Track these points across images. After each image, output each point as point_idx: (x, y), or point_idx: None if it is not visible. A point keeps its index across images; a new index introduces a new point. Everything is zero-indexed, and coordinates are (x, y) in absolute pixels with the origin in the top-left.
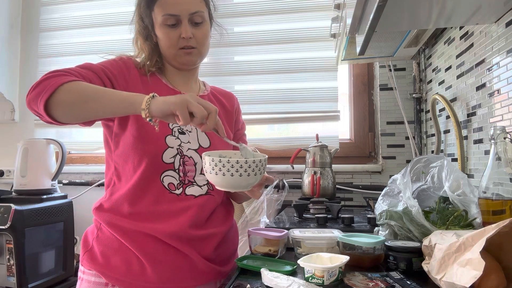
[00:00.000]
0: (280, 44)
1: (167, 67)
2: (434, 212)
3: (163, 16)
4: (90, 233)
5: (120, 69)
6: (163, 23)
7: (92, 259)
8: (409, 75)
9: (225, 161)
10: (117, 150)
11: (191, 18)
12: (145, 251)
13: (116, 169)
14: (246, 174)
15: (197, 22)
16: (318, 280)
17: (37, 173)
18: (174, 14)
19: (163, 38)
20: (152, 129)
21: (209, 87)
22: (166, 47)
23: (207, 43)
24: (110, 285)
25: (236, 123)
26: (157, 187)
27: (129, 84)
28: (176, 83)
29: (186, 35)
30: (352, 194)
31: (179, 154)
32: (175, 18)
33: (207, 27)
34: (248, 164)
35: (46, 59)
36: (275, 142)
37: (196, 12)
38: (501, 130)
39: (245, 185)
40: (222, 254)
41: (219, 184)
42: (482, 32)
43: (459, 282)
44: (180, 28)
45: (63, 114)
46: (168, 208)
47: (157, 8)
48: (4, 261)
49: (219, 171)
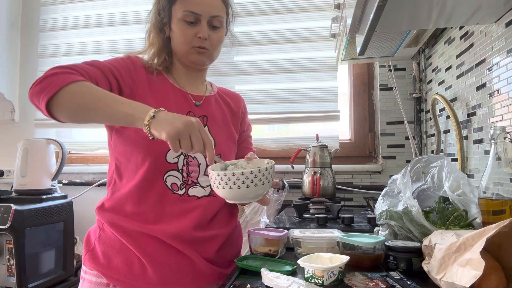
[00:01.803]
0: (280, 44)
1: (175, 65)
2: (434, 212)
3: (184, 12)
4: (93, 233)
5: (127, 68)
6: (182, 18)
7: (94, 259)
8: (409, 75)
9: (229, 174)
10: (118, 148)
11: (210, 20)
12: (146, 252)
13: (117, 167)
14: (253, 184)
15: (215, 26)
16: (318, 280)
17: (37, 173)
18: (196, 13)
19: (179, 33)
20: None
21: (216, 88)
22: (180, 43)
23: (219, 48)
24: (111, 286)
25: (242, 124)
26: (160, 187)
27: (135, 83)
28: (183, 82)
29: (202, 35)
30: (352, 194)
31: (183, 154)
32: (195, 16)
33: (222, 32)
34: (253, 174)
35: (46, 59)
36: (275, 142)
37: (217, 16)
38: (501, 130)
39: (254, 196)
40: (224, 256)
41: (228, 197)
42: (482, 32)
43: (459, 282)
44: (198, 27)
45: (63, 115)
46: (171, 209)
47: (180, 3)
48: (4, 261)
49: (226, 184)
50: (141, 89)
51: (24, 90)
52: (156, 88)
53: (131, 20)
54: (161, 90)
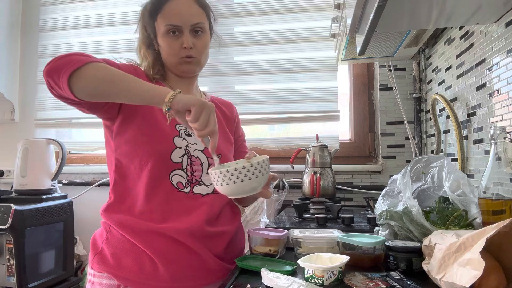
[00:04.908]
0: (280, 44)
1: (169, 75)
2: (434, 212)
3: (166, 26)
4: (99, 236)
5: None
6: (165, 32)
7: (102, 261)
8: (409, 75)
9: (224, 171)
10: (120, 149)
11: (192, 29)
12: (157, 250)
13: (117, 168)
14: (247, 178)
15: (198, 32)
16: (318, 280)
17: (37, 173)
18: (176, 25)
19: (165, 47)
20: (161, 130)
21: (210, 96)
22: (168, 56)
23: (206, 52)
24: (123, 287)
25: (237, 130)
26: (166, 186)
27: None
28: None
29: (187, 45)
30: (352, 194)
31: (187, 154)
32: (177, 28)
33: (207, 37)
34: (246, 169)
35: (46, 59)
36: (275, 142)
37: (197, 23)
38: (501, 130)
39: (250, 189)
40: (231, 253)
41: (228, 193)
42: (482, 32)
43: (459, 282)
44: (182, 37)
45: (85, 88)
46: (178, 206)
47: (160, 18)
48: (4, 261)
49: (223, 181)
50: None
51: (24, 90)
52: None
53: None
54: None
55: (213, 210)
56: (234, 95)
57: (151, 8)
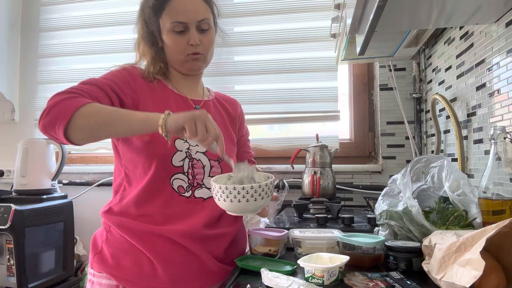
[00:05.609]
0: (280, 44)
1: (172, 72)
2: (434, 212)
3: (172, 23)
4: (99, 236)
5: (125, 80)
6: (171, 29)
7: (102, 261)
8: (409, 75)
9: (231, 188)
10: (126, 156)
11: (198, 25)
12: (156, 251)
13: (126, 175)
14: (253, 199)
15: (203, 29)
16: (318, 280)
17: (37, 173)
18: (183, 22)
19: (172, 44)
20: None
21: (214, 93)
22: (174, 53)
23: (212, 49)
24: (121, 287)
25: (240, 129)
26: (166, 190)
27: (136, 93)
28: (182, 88)
29: (194, 42)
30: (352, 194)
31: (188, 157)
32: (183, 25)
33: (212, 33)
34: (254, 189)
35: (46, 59)
36: (275, 142)
37: (203, 19)
38: (501, 130)
39: (253, 209)
40: (231, 255)
41: (229, 209)
42: (482, 32)
43: (459, 282)
44: (188, 34)
45: (82, 137)
46: (178, 211)
47: (165, 15)
48: (4, 261)
49: (227, 197)
50: (143, 98)
51: (24, 90)
52: (158, 95)
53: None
54: (162, 96)
55: (214, 213)
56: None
57: (155, 5)
